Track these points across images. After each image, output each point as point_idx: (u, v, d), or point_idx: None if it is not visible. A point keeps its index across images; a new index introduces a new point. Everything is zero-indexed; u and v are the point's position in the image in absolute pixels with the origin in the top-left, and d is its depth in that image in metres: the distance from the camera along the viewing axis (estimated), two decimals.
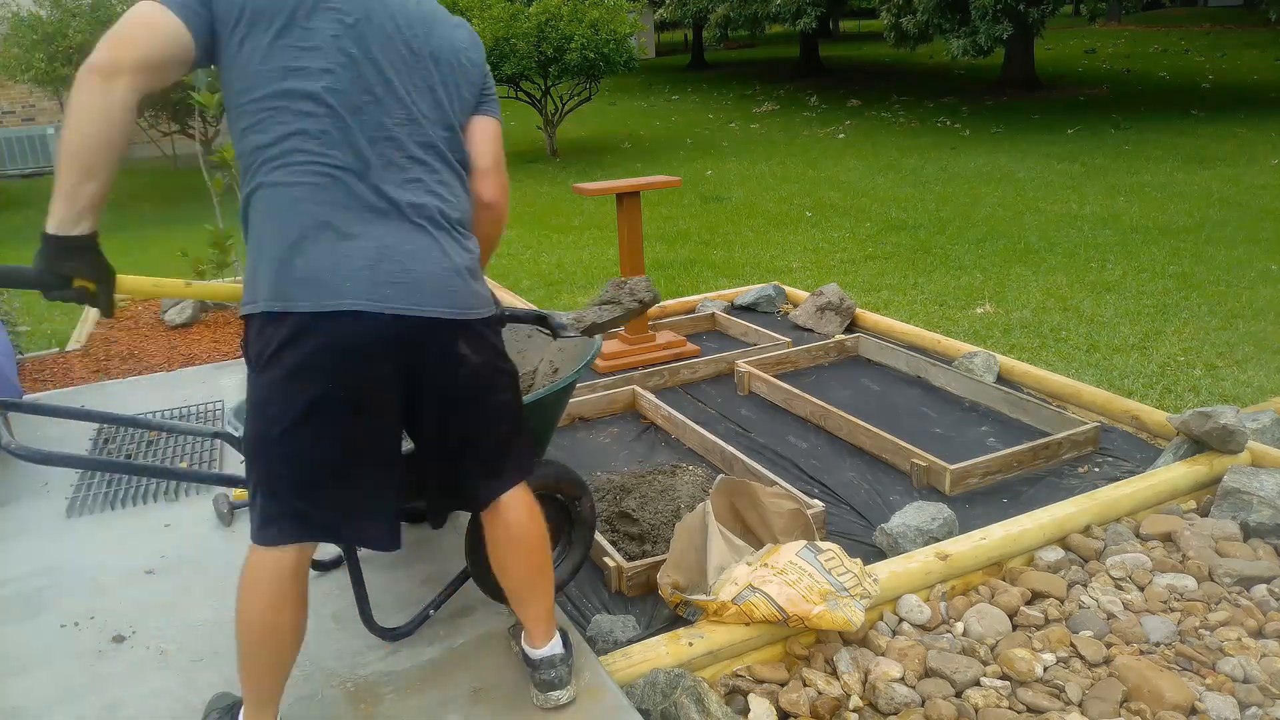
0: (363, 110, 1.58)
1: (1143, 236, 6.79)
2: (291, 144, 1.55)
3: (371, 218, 1.57)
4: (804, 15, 17.26)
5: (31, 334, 5.25)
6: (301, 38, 1.56)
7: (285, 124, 1.55)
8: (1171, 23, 25.99)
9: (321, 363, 1.54)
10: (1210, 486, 2.88)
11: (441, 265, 1.63)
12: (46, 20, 10.56)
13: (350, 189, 1.56)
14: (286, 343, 1.53)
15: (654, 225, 8.26)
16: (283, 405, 1.56)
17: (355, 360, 1.55)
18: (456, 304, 1.64)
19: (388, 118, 1.61)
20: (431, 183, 1.65)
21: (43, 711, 1.96)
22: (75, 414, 2.02)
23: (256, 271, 1.56)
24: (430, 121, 1.67)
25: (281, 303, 1.52)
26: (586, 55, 11.84)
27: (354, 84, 1.58)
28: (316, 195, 1.55)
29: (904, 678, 2.10)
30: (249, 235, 1.60)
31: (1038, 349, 4.57)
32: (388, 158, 1.60)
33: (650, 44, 30.54)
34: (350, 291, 1.53)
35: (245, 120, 1.57)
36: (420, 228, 1.62)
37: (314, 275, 1.52)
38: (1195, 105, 13.45)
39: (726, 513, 2.50)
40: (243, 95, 1.57)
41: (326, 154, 1.55)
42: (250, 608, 1.64)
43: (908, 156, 11.35)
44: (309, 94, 1.55)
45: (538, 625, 1.89)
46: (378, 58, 1.61)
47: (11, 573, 2.53)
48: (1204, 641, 2.20)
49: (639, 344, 4.34)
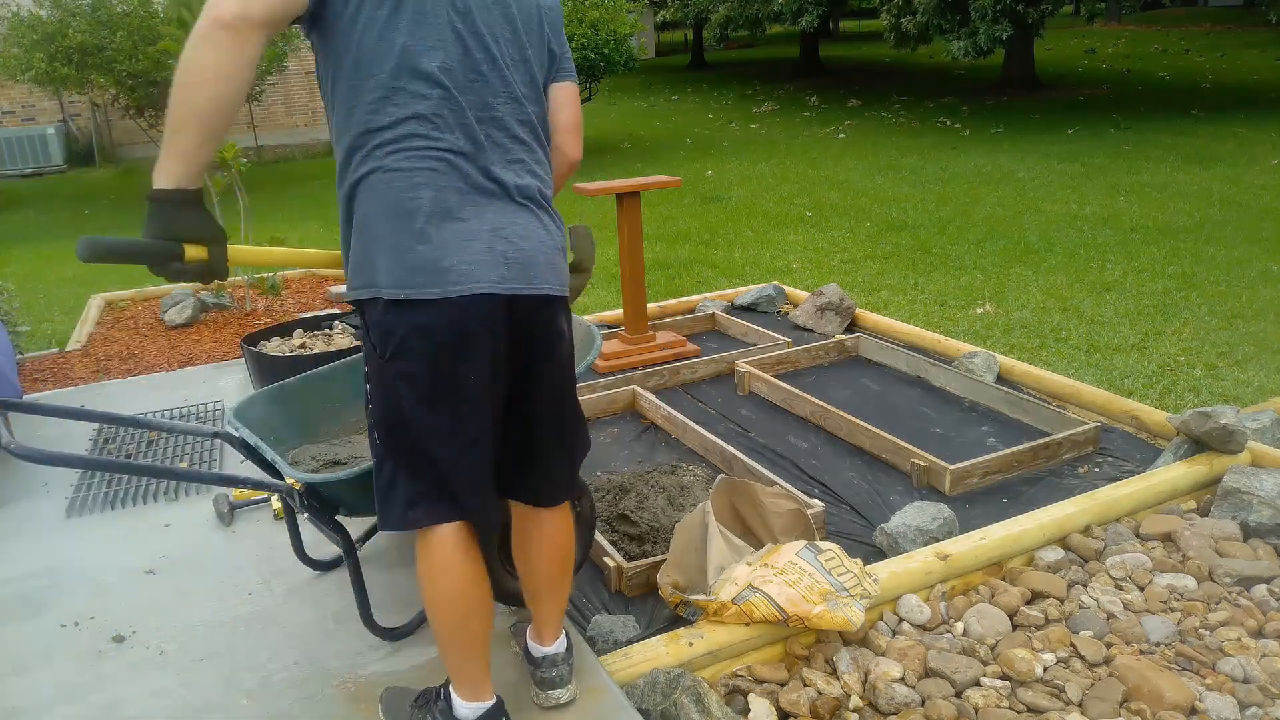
0: (471, 90, 1.59)
1: (1143, 236, 6.79)
2: (408, 128, 1.54)
3: (483, 200, 1.59)
4: (806, 14, 17.25)
5: (31, 334, 5.25)
6: (417, 13, 1.54)
7: (402, 106, 1.53)
8: (1171, 23, 25.99)
9: (450, 346, 1.55)
10: (1210, 486, 2.88)
11: (545, 244, 1.66)
12: (46, 20, 10.55)
13: (464, 173, 1.57)
14: (415, 329, 1.54)
15: (654, 225, 8.26)
16: (416, 389, 1.57)
17: (481, 341, 1.58)
18: (561, 281, 1.69)
19: (493, 97, 1.62)
20: (531, 163, 1.68)
21: (43, 711, 1.96)
22: (75, 414, 2.02)
23: (373, 258, 1.55)
24: (527, 99, 1.69)
25: (407, 290, 1.52)
26: (586, 55, 11.84)
27: (463, 62, 1.58)
28: (435, 181, 1.55)
29: (904, 678, 2.10)
30: (357, 218, 1.58)
31: (1038, 349, 4.57)
32: (494, 139, 1.62)
33: (650, 44, 30.54)
34: (474, 275, 1.54)
35: (358, 98, 1.54)
36: (524, 207, 1.64)
37: (437, 262, 1.53)
38: (1195, 105, 13.45)
39: (726, 513, 2.50)
40: (356, 72, 1.53)
41: (441, 138, 1.55)
42: (450, 591, 1.66)
43: (908, 156, 11.35)
44: (425, 74, 1.54)
45: (551, 624, 1.91)
46: (482, 31, 1.60)
47: (11, 573, 2.53)
48: (1204, 641, 2.20)
49: (639, 344, 4.34)
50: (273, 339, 3.69)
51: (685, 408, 3.75)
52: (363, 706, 1.93)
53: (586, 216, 9.07)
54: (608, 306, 5.57)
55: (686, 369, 4.11)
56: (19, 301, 5.00)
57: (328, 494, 1.96)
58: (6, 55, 10.80)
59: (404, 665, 2.06)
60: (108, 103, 12.99)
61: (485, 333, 1.58)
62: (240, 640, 2.18)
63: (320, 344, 3.64)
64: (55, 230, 9.48)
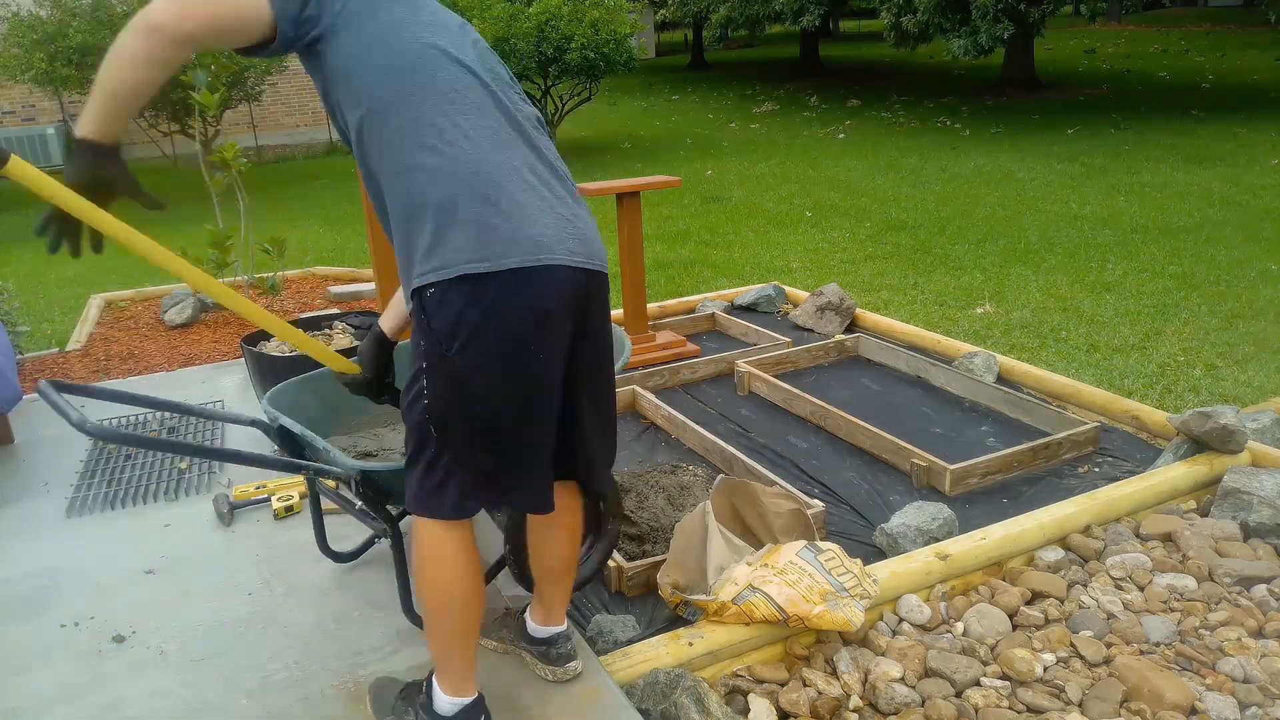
0: (497, 79, 1.66)
1: (1143, 236, 6.79)
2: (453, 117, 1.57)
3: (535, 182, 1.61)
4: (806, 14, 17.25)
5: (31, 334, 5.25)
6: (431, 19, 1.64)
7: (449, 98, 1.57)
8: (1171, 23, 25.99)
9: (531, 323, 1.54)
10: (1210, 486, 2.88)
11: (591, 223, 1.68)
12: (46, 20, 10.56)
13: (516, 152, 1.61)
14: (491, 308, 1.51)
15: (654, 225, 8.26)
16: (488, 378, 1.55)
17: (557, 319, 1.57)
18: (606, 260, 1.69)
19: (512, 89, 1.70)
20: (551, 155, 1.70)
21: (43, 711, 1.96)
22: (119, 397, 2.00)
23: (443, 237, 1.53)
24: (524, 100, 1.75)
25: (487, 263, 1.51)
26: (586, 55, 11.84)
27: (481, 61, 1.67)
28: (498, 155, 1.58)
29: (904, 678, 2.10)
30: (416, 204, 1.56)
31: (1038, 349, 4.57)
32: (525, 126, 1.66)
33: (650, 44, 30.53)
34: (549, 246, 1.54)
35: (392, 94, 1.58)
36: (564, 186, 1.67)
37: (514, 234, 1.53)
38: (1195, 105, 13.45)
39: (726, 513, 2.50)
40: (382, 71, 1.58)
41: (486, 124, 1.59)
42: (447, 579, 1.67)
43: (908, 156, 11.35)
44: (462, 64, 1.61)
45: (559, 606, 1.98)
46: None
47: (11, 573, 2.53)
48: (1204, 641, 2.20)
49: (639, 344, 4.34)
50: (272, 339, 3.69)
51: (685, 408, 3.75)
52: (362, 707, 1.93)
53: None
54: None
55: (686, 369, 4.11)
56: (19, 301, 5.00)
57: (383, 484, 1.95)
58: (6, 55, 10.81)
59: (403, 665, 2.06)
60: None
61: (562, 309, 1.57)
62: (240, 640, 2.18)
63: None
64: None
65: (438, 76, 1.57)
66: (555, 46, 11.86)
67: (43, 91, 12.62)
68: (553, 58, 11.96)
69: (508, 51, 11.81)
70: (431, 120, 1.55)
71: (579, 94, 13.00)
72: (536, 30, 11.83)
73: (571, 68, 12.01)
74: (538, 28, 11.84)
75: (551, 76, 12.38)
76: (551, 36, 11.85)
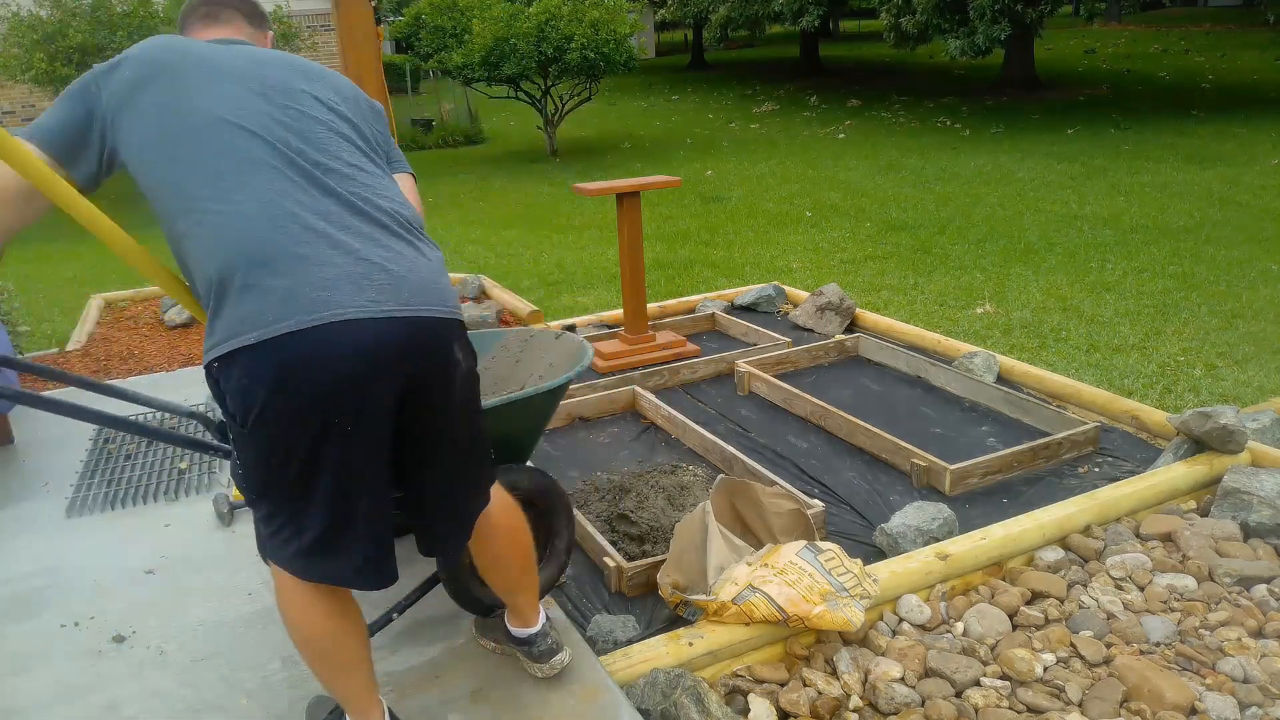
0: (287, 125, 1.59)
1: (1143, 236, 6.80)
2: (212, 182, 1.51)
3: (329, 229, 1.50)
4: (806, 14, 17.26)
5: (31, 334, 5.25)
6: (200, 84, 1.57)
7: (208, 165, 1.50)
8: (1171, 23, 25.99)
9: (321, 389, 1.40)
10: (1210, 486, 2.88)
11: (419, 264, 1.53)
12: (46, 20, 10.56)
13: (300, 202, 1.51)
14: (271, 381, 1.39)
15: (654, 225, 8.26)
16: (287, 446, 1.43)
17: (353, 380, 1.41)
18: (446, 303, 1.54)
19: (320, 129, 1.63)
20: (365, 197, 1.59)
21: (43, 711, 1.96)
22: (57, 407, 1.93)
23: (219, 309, 1.44)
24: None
25: (257, 332, 1.39)
26: (586, 55, 11.85)
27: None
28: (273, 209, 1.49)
29: (904, 678, 2.10)
30: (194, 277, 1.50)
31: (1038, 349, 4.57)
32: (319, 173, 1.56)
33: (650, 44, 30.54)
34: (337, 301, 1.41)
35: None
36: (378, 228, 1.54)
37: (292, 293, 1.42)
38: (1195, 105, 13.45)
39: (726, 513, 2.50)
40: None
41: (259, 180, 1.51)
42: (305, 623, 1.57)
43: (908, 156, 11.35)
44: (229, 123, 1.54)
45: (530, 608, 1.94)
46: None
47: (11, 573, 2.53)
48: (1204, 641, 2.20)
49: (639, 344, 4.34)
50: None
51: (685, 408, 3.75)
52: None
53: (587, 216, 9.07)
54: (608, 306, 5.57)
55: (686, 369, 4.11)
56: (19, 301, 4.99)
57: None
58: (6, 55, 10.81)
59: (401, 666, 2.06)
60: None
61: (365, 368, 1.40)
62: (240, 640, 2.18)
63: None
64: (55, 230, 9.48)
65: (202, 143, 1.48)
66: (555, 46, 11.87)
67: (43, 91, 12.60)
68: (553, 58, 11.97)
69: (508, 51, 11.82)
70: (190, 189, 1.46)
71: (579, 94, 13.00)
72: (536, 30, 11.84)
73: (571, 68, 12.01)
74: (538, 28, 11.84)
75: (551, 76, 12.39)
76: (551, 36, 11.86)
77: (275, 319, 1.36)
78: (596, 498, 2.91)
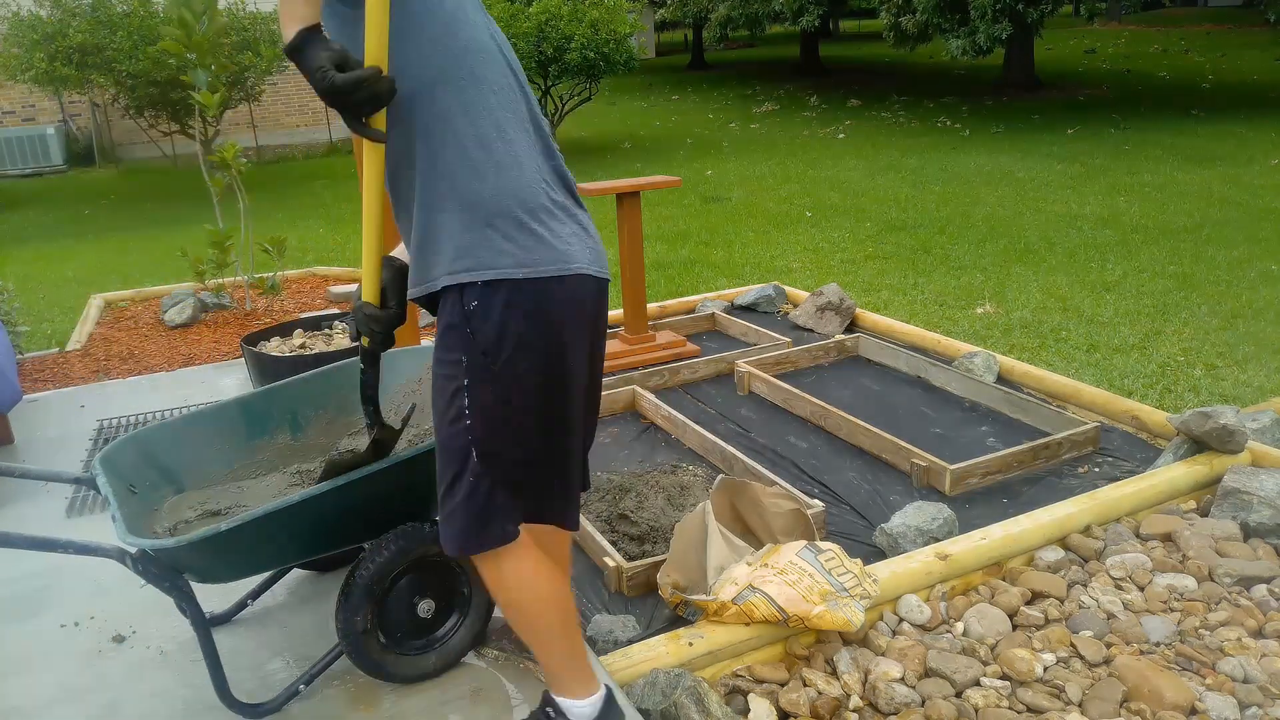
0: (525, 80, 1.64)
1: (1143, 236, 6.80)
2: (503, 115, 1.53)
3: (559, 190, 1.61)
4: (806, 13, 17.25)
5: (31, 334, 5.25)
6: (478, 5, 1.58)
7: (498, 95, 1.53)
8: (1171, 23, 25.99)
9: (570, 331, 1.55)
10: (1210, 486, 2.88)
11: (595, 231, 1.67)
12: (46, 20, 10.56)
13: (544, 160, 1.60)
14: (536, 315, 1.50)
15: (654, 225, 8.26)
16: (537, 380, 1.53)
17: (585, 325, 1.58)
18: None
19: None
20: (561, 160, 1.68)
21: (43, 711, 1.96)
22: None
23: (484, 237, 1.48)
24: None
25: (526, 269, 1.49)
26: (586, 55, 11.84)
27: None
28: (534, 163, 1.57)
29: (904, 678, 2.10)
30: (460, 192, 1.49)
31: (1038, 349, 4.57)
32: (546, 132, 1.64)
33: (650, 44, 30.53)
34: (575, 255, 1.54)
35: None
36: (574, 193, 1.66)
37: (549, 243, 1.53)
38: (1195, 105, 13.45)
39: (726, 513, 2.50)
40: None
41: (525, 130, 1.57)
42: (550, 584, 1.65)
43: (908, 156, 11.35)
44: (507, 61, 1.58)
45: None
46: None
47: (11, 573, 2.53)
48: (1204, 641, 2.20)
49: (639, 344, 4.34)
50: (273, 339, 3.69)
51: (685, 408, 3.75)
52: (362, 707, 1.93)
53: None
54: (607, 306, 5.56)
55: (686, 369, 4.11)
56: (19, 301, 5.00)
57: (168, 560, 1.69)
58: (6, 55, 10.81)
59: None
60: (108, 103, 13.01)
61: (586, 316, 1.57)
62: (240, 640, 2.18)
63: (320, 344, 3.64)
64: (55, 230, 9.49)
65: (490, 69, 1.52)
66: (555, 46, 11.86)
67: (43, 91, 12.62)
68: (553, 58, 11.96)
69: None
70: (490, 114, 1.50)
71: (579, 94, 13.00)
72: (536, 30, 11.83)
73: (571, 68, 12.01)
74: (538, 28, 11.84)
75: (551, 76, 12.38)
76: (551, 36, 11.85)
77: (539, 263, 1.51)
78: (596, 497, 2.92)
